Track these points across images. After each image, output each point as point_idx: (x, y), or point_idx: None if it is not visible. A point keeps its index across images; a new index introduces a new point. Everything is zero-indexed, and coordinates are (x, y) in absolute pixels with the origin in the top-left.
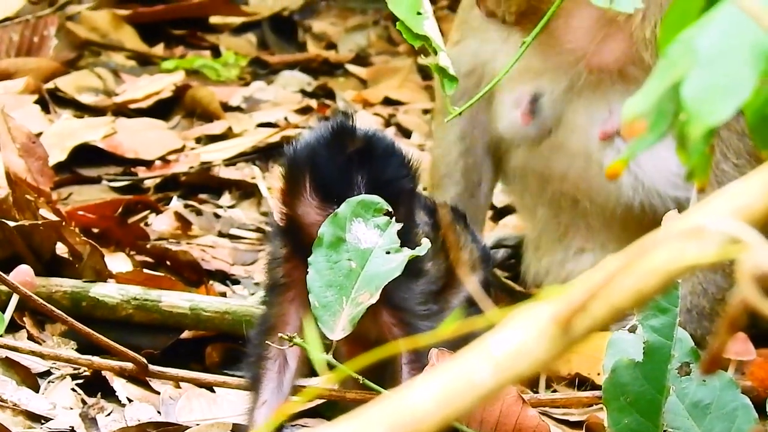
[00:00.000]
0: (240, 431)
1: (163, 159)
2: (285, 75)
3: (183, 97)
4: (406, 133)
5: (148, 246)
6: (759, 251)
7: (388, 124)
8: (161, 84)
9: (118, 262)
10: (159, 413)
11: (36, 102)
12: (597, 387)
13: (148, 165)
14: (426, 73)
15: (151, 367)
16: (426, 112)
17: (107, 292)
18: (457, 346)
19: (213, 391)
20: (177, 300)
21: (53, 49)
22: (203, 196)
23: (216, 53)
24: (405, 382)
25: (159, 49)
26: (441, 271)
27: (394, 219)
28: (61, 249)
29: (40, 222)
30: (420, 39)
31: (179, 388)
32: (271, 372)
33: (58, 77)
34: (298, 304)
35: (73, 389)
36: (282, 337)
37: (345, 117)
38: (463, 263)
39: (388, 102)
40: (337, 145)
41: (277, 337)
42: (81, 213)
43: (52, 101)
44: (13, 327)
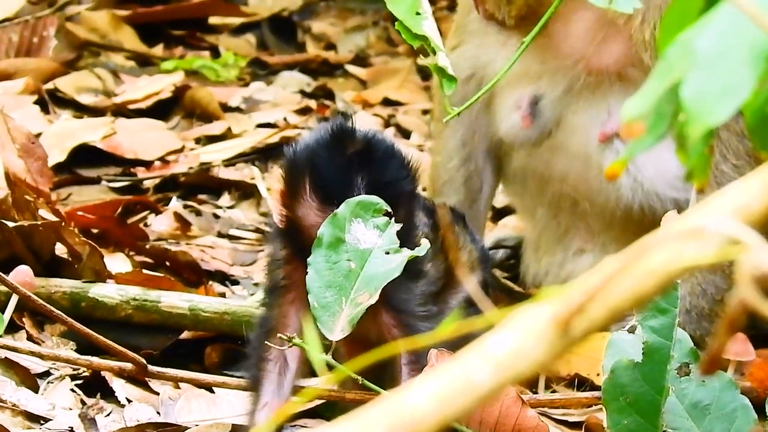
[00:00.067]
0: None
1: (163, 159)
2: (284, 75)
3: (182, 98)
4: (405, 134)
5: (147, 246)
6: (758, 252)
7: (387, 124)
8: (161, 84)
9: (117, 262)
10: (158, 414)
11: (35, 102)
12: (596, 387)
13: (147, 165)
14: (425, 74)
15: (151, 368)
16: (425, 112)
17: (106, 292)
18: (457, 346)
19: (212, 392)
20: (176, 300)
21: (53, 50)
22: (202, 196)
23: (215, 54)
24: (405, 382)
25: (158, 50)
26: (440, 272)
27: (393, 220)
28: (61, 249)
29: (39, 222)
30: (419, 39)
31: (178, 388)
32: (272, 374)
33: (57, 78)
34: (298, 305)
35: (73, 390)
36: (281, 338)
37: (344, 119)
38: (462, 264)
39: (387, 102)
40: (337, 147)
41: (277, 339)
42: (80, 213)
43: (51, 102)
44: (13, 327)
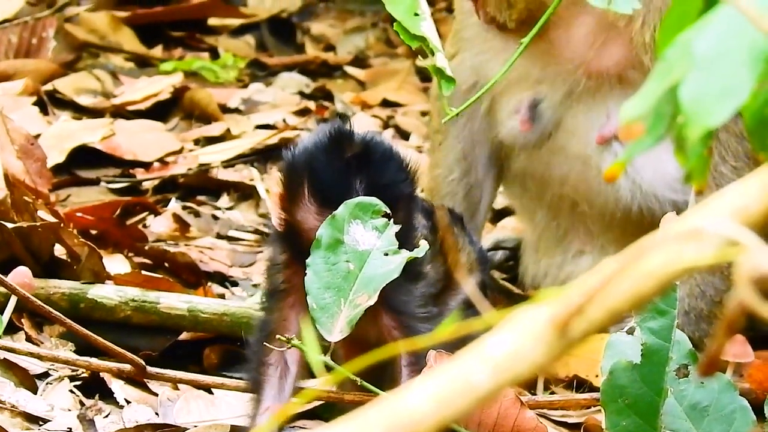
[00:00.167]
0: None
1: (162, 161)
2: (283, 77)
3: (181, 99)
4: (404, 135)
5: (146, 247)
6: (757, 253)
7: (386, 125)
8: (160, 86)
9: (116, 263)
10: (157, 415)
11: (34, 104)
12: (595, 389)
13: (146, 167)
14: (424, 75)
15: (149, 369)
16: (424, 114)
17: (105, 293)
18: (455, 348)
19: (211, 393)
20: (175, 301)
21: (52, 51)
22: (201, 197)
23: (214, 55)
24: (405, 384)
25: (157, 51)
26: (440, 274)
27: (392, 221)
28: (60, 250)
29: (38, 223)
30: (417, 40)
31: (177, 389)
32: (273, 378)
33: (56, 79)
34: (298, 309)
35: (71, 391)
36: (280, 339)
37: (343, 121)
38: (461, 265)
39: (386, 104)
40: (336, 150)
41: (277, 342)
42: (79, 214)
43: (50, 103)
44: (12, 328)
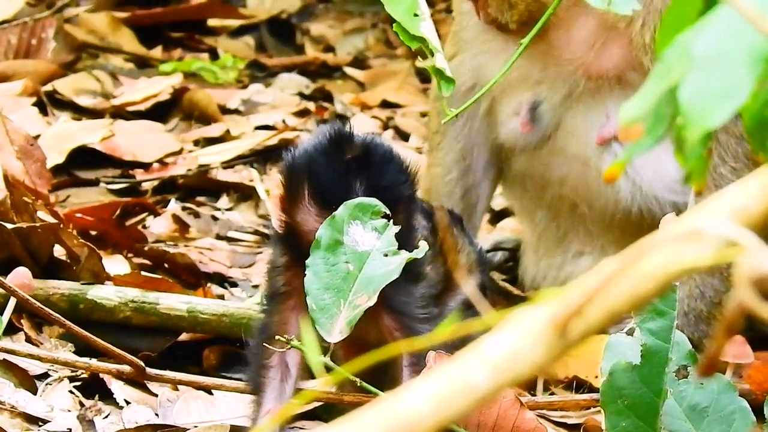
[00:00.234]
0: None
1: (161, 161)
2: (283, 78)
3: (181, 100)
4: (404, 136)
5: (145, 248)
6: (756, 254)
7: (386, 126)
8: (159, 86)
9: (115, 264)
10: (157, 415)
11: (34, 104)
12: (594, 390)
13: (145, 167)
14: (424, 76)
15: (149, 370)
16: (424, 115)
17: (105, 294)
18: (455, 348)
19: (211, 394)
20: (175, 302)
21: (51, 52)
22: (201, 198)
23: (214, 56)
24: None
25: (157, 52)
26: (440, 275)
27: (391, 223)
28: (59, 251)
29: (37, 224)
30: (417, 41)
31: (177, 390)
32: (273, 380)
33: (56, 80)
34: (298, 312)
35: (71, 391)
36: (279, 340)
37: (342, 123)
38: (461, 266)
39: (386, 105)
40: (335, 152)
41: (277, 344)
42: (79, 215)
43: (50, 104)
44: (11, 329)
